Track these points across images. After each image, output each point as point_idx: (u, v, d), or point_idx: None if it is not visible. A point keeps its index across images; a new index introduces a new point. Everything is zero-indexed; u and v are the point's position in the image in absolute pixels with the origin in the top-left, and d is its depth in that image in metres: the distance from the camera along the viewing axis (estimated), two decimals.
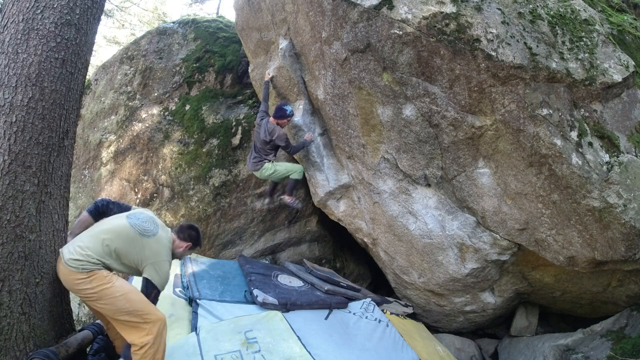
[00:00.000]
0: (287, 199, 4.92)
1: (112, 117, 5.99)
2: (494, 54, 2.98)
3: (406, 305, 4.89)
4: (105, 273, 2.31)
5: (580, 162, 2.98)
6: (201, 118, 5.67)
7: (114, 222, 2.46)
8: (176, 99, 5.87)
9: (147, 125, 5.70)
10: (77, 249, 2.28)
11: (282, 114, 4.56)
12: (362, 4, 3.33)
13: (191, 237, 2.76)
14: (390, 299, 4.94)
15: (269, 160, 4.69)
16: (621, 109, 3.15)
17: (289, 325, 3.32)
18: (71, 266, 2.24)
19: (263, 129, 4.59)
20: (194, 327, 3.08)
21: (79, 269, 2.24)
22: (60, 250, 2.38)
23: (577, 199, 3.05)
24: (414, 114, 3.56)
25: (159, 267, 2.44)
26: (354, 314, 3.98)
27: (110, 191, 5.65)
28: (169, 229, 2.74)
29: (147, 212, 2.66)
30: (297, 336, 3.20)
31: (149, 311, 2.33)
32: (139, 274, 2.47)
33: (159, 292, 2.47)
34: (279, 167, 4.76)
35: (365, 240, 5.00)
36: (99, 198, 3.32)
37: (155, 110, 5.81)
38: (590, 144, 3.01)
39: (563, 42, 3.09)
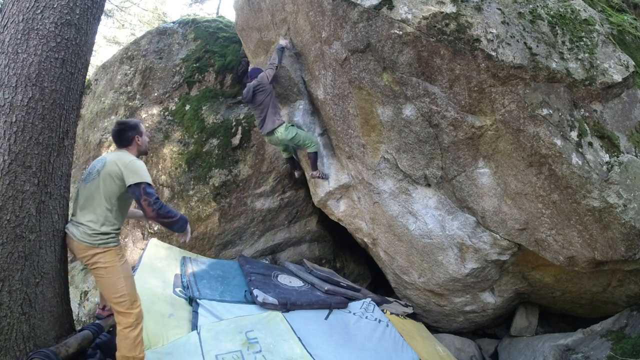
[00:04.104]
0: (315, 174, 4.87)
1: (112, 117, 5.99)
2: (494, 54, 2.98)
3: (406, 305, 4.89)
4: (114, 254, 2.41)
5: (580, 162, 2.98)
6: (201, 118, 5.67)
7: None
8: (176, 99, 5.87)
9: (147, 125, 5.70)
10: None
11: (255, 73, 4.66)
12: (362, 4, 3.33)
13: (128, 133, 2.57)
14: (390, 299, 4.94)
15: (283, 122, 4.58)
16: (621, 109, 3.15)
17: (290, 325, 3.32)
18: (85, 241, 2.38)
19: (254, 87, 4.61)
20: (195, 327, 3.08)
21: (94, 244, 2.37)
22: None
23: (577, 199, 3.05)
24: (414, 114, 3.56)
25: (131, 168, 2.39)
26: (354, 314, 3.98)
27: None
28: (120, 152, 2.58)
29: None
30: (298, 337, 3.21)
31: (136, 299, 2.48)
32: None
33: (146, 184, 2.38)
34: (300, 132, 4.65)
35: (365, 240, 5.00)
36: None
37: (155, 110, 5.81)
38: (590, 144, 3.01)
39: (563, 42, 3.09)
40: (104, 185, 2.39)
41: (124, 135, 2.57)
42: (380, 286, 5.98)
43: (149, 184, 2.39)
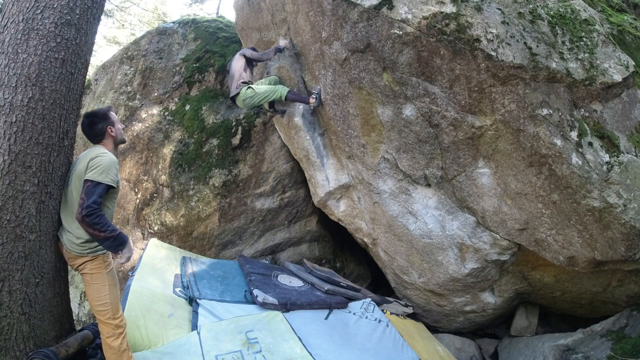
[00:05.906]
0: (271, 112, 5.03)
1: None
2: (494, 54, 2.98)
3: (406, 305, 4.89)
4: (100, 261, 2.37)
5: (580, 162, 2.98)
6: (201, 118, 5.66)
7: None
8: (176, 99, 5.87)
9: (147, 125, 5.70)
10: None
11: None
12: (362, 4, 3.33)
13: (98, 126, 2.41)
14: (390, 299, 4.94)
15: (247, 85, 4.51)
16: (621, 109, 3.15)
17: (290, 325, 3.32)
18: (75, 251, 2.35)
19: (230, 60, 4.82)
20: (195, 327, 3.08)
21: (83, 253, 2.34)
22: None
23: (577, 199, 3.05)
24: (414, 114, 3.56)
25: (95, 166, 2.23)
26: (354, 314, 3.98)
27: None
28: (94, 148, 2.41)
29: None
30: (298, 337, 3.20)
31: (118, 309, 2.41)
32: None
33: (94, 183, 2.18)
34: (260, 89, 4.51)
35: (365, 240, 5.00)
36: None
37: (155, 110, 5.81)
38: (590, 144, 3.01)
39: (563, 42, 3.09)
40: (76, 189, 2.30)
41: (95, 129, 2.40)
42: (380, 286, 5.98)
43: (97, 184, 2.17)
